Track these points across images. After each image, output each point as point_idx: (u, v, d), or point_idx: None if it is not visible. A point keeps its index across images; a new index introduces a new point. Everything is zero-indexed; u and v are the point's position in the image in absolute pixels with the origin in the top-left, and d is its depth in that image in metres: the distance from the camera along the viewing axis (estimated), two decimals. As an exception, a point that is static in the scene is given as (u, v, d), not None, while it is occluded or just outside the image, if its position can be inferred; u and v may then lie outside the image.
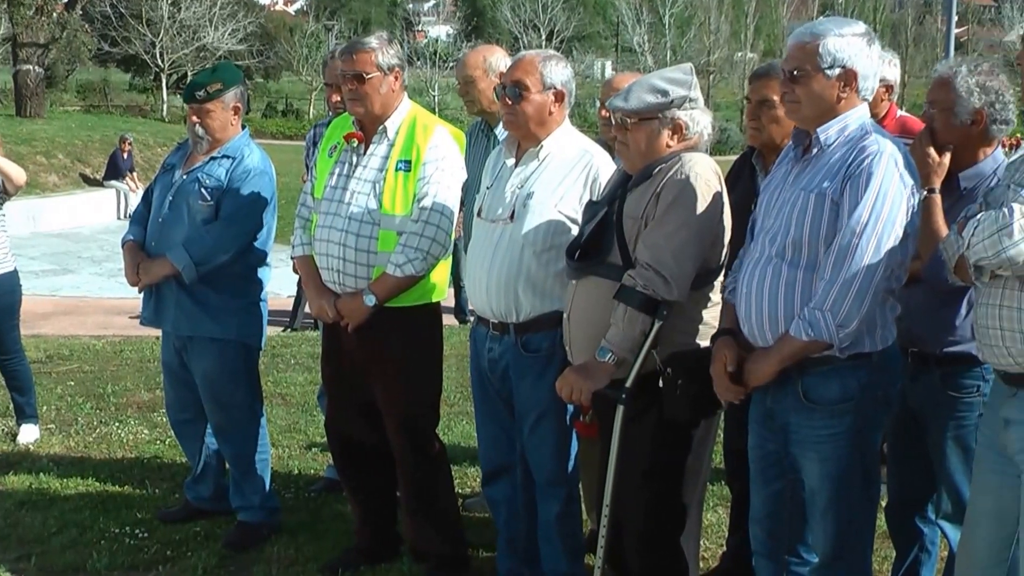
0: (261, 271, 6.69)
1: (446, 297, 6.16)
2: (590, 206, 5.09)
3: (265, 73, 73.48)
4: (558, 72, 5.38)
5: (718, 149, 54.76)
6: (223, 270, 6.46)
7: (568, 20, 72.04)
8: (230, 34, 61.05)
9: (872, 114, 6.57)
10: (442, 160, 5.81)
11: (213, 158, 6.51)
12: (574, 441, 5.55)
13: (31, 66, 34.54)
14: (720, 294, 4.92)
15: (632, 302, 4.69)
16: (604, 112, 6.06)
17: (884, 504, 5.74)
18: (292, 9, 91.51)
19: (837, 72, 4.41)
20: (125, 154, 29.99)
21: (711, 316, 4.95)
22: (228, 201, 6.43)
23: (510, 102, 5.37)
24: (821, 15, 73.81)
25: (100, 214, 28.21)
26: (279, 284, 14.23)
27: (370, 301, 5.73)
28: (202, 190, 6.43)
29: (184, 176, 6.54)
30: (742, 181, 5.76)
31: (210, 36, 59.84)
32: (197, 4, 59.45)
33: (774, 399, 4.61)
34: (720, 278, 4.97)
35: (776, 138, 5.45)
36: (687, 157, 4.83)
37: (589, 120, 42.61)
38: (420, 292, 5.87)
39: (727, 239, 4.95)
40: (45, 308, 16.20)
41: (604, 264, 4.88)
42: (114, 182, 29.32)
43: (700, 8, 75.97)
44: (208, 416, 6.78)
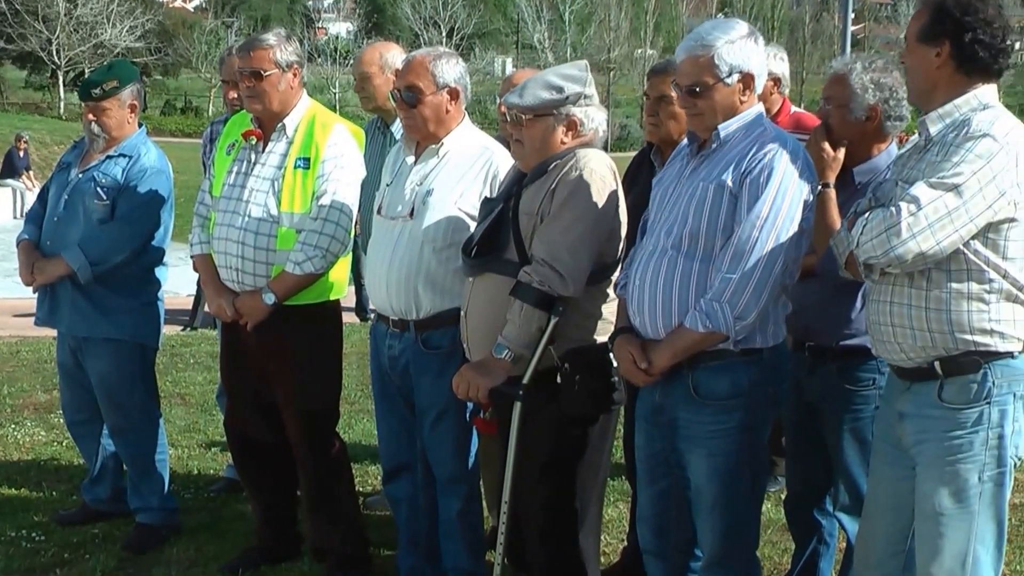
0: (158, 270, 6.62)
1: (346, 295, 6.14)
2: (486, 203, 5.10)
3: (164, 70, 72.82)
4: (450, 70, 5.37)
5: (619, 145, 55.11)
6: (119, 270, 6.38)
7: (468, 17, 72.07)
8: (128, 31, 60.45)
9: (765, 110, 6.70)
10: (341, 157, 5.80)
11: (109, 156, 6.44)
12: (474, 438, 5.55)
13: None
14: (614, 291, 4.95)
15: (528, 298, 4.70)
16: (503, 108, 6.06)
17: (783, 497, 5.82)
18: (191, 6, 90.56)
19: (736, 78, 4.47)
20: (21, 152, 29.61)
21: (608, 311, 4.96)
22: (124, 200, 6.36)
23: (406, 107, 5.36)
24: (720, 12, 74.39)
25: (-5, 213, 27.79)
26: (178, 283, 14.08)
27: (269, 299, 5.70)
28: (98, 189, 6.35)
29: (80, 175, 6.46)
30: (641, 177, 5.80)
31: (108, 33, 59.21)
32: (94, 1, 58.71)
33: (663, 394, 4.64)
34: (617, 273, 4.99)
35: (674, 134, 5.49)
36: (582, 153, 4.85)
37: (490, 117, 42.61)
38: (319, 290, 5.85)
39: (623, 234, 4.98)
40: (-61, 308, 15.93)
41: (500, 261, 4.88)
42: (10, 180, 28.93)
43: (600, 5, 76.20)
44: (104, 417, 6.69)
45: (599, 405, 4.91)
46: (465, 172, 5.36)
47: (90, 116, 6.46)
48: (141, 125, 6.66)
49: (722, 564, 4.70)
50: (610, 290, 4.97)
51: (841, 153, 4.93)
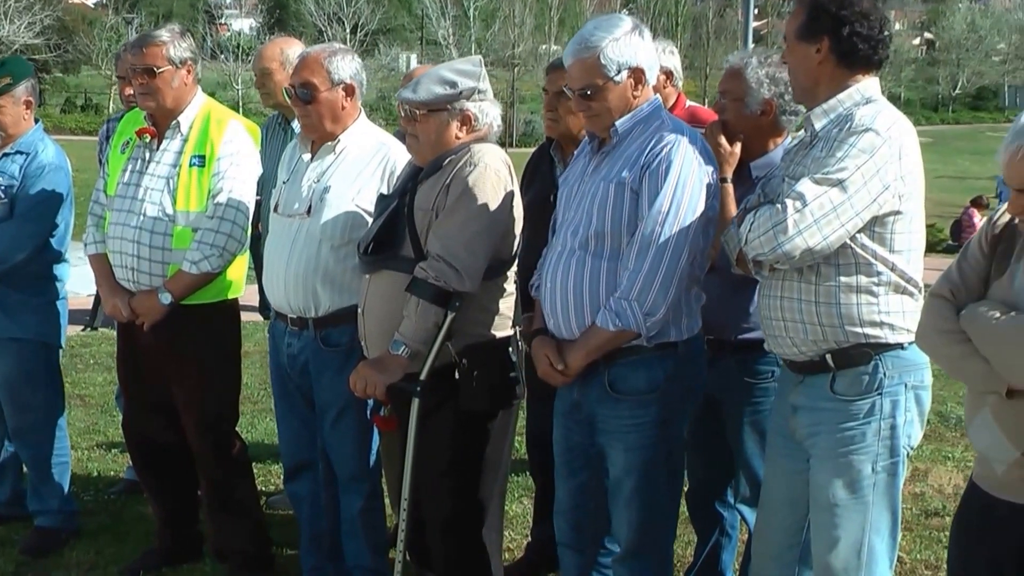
0: (59, 268, 6.50)
1: (244, 294, 6.09)
2: (381, 199, 5.08)
3: (64, 67, 71.79)
4: (345, 66, 5.35)
5: (524, 141, 55.24)
6: (20, 268, 6.26)
7: (373, 13, 71.76)
8: (26, 27, 59.47)
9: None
10: (236, 155, 5.75)
11: (6, 154, 6.31)
12: (375, 435, 5.53)
13: None
14: (529, 290, 4.96)
15: (424, 294, 4.68)
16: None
17: (685, 491, 5.85)
18: (91, 2, 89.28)
19: (626, 75, 4.49)
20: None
21: (506, 307, 4.98)
22: (23, 198, 6.25)
23: (301, 104, 5.33)
24: (623, 8, 74.69)
25: None
26: (79, 282, 13.87)
27: (165, 299, 5.65)
28: (-4, 187, 6.24)
29: (-24, 174, 6.33)
30: (540, 172, 5.82)
31: (5, 29, 58.21)
32: (-10, -4, 57.86)
33: (580, 391, 4.66)
34: (514, 268, 5.00)
35: (573, 129, 5.51)
36: (476, 148, 4.84)
37: (395, 113, 42.47)
38: (217, 289, 5.81)
39: (519, 230, 4.98)
40: None
41: (396, 257, 4.86)
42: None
43: (505, 1, 76.28)
44: (7, 419, 6.57)
45: (498, 400, 4.93)
46: (362, 169, 5.34)
47: (-16, 114, 6.33)
48: (38, 121, 6.54)
49: (637, 556, 4.73)
50: (507, 285, 4.99)
51: (737, 147, 4.96)
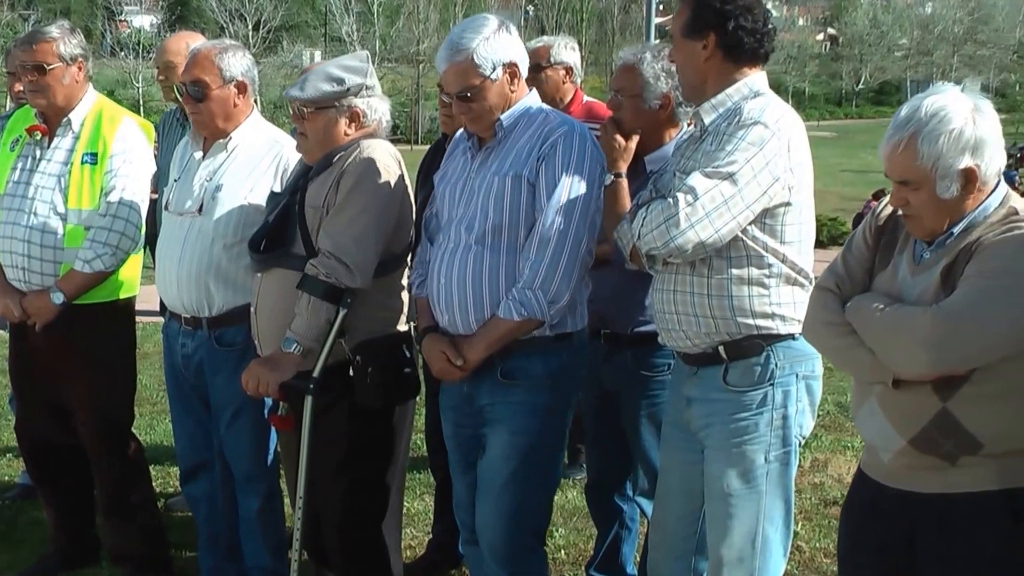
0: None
1: (138, 292, 6.02)
2: (272, 197, 5.06)
3: (-42, 65, 70.49)
4: (237, 63, 5.30)
5: (428, 138, 55.12)
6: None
7: (276, 9, 71.09)
8: (-84, 23, 58.51)
9: (558, 99, 6.77)
10: (129, 152, 5.69)
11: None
12: (272, 435, 5.49)
13: None
14: (408, 292, 4.96)
15: (315, 291, 4.66)
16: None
17: (585, 484, 5.88)
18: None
19: (501, 71, 4.50)
20: None
21: (401, 302, 4.98)
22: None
23: (192, 101, 5.28)
24: (529, 5, 74.90)
25: None
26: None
27: (58, 299, 5.57)
28: None
29: None
30: (436, 168, 5.80)
31: None
32: None
33: (472, 384, 4.65)
34: (408, 263, 4.99)
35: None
36: (365, 144, 4.83)
37: (298, 110, 42.26)
38: (110, 288, 5.74)
39: (412, 224, 4.98)
40: None
41: (288, 255, 4.84)
42: None
43: (409, -3, 76.16)
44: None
45: (393, 397, 4.91)
46: (255, 166, 5.31)
47: None
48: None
49: (508, 556, 4.70)
50: (401, 280, 4.98)
51: (633, 143, 4.96)
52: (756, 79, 4.28)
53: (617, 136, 4.93)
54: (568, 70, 6.88)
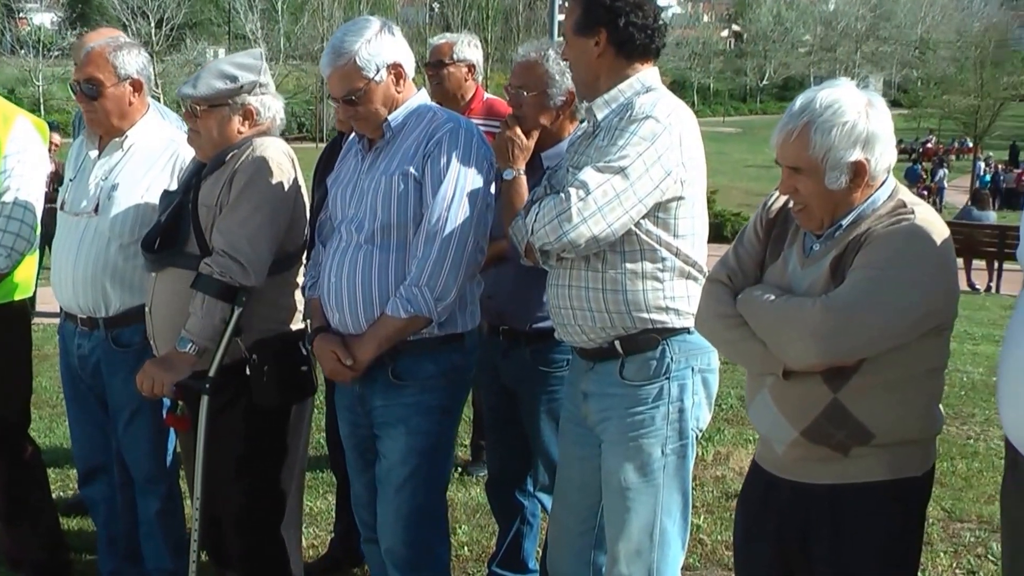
0: None
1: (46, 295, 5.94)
2: (165, 196, 5.02)
3: None
4: (132, 60, 5.25)
5: (334, 136, 54.90)
6: None
7: (179, 7, 70.38)
8: None
9: (460, 96, 6.77)
10: (24, 152, 5.57)
11: None
12: (172, 436, 5.45)
13: None
14: (300, 292, 4.94)
15: (209, 290, 4.63)
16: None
17: (486, 481, 5.89)
18: None
19: (386, 73, 4.51)
20: None
21: (296, 300, 4.97)
22: None
23: (87, 100, 5.22)
24: (434, 2, 74.69)
25: None
26: None
27: (-49, 301, 5.48)
28: None
29: None
30: (332, 166, 5.79)
31: None
32: None
33: (363, 384, 4.65)
34: (303, 261, 4.98)
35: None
36: (258, 142, 4.82)
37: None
38: (5, 290, 5.61)
39: (306, 222, 4.97)
40: None
41: (182, 254, 4.81)
42: None
43: (314, -6, 75.76)
44: None
45: (290, 395, 4.90)
46: (151, 165, 5.26)
47: None
48: None
49: (409, 560, 4.70)
50: (297, 278, 4.97)
51: (532, 140, 4.97)
52: (648, 75, 4.32)
53: (517, 132, 4.93)
54: (470, 67, 6.90)
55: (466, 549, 6.41)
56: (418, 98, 4.65)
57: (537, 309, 5.05)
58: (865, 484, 3.62)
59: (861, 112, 3.53)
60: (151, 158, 5.28)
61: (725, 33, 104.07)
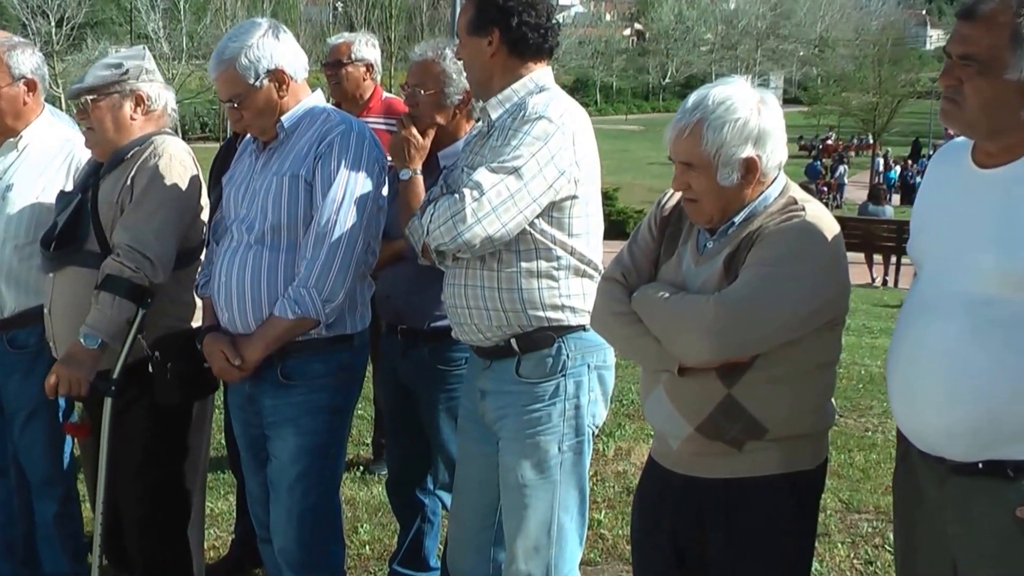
0: None
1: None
2: (62, 196, 4.99)
3: None
4: (26, 60, 5.21)
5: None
6: None
7: (79, 6, 69.48)
8: None
9: (358, 95, 6.77)
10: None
11: None
12: (68, 438, 5.40)
13: None
14: (193, 291, 4.93)
15: (119, 290, 4.60)
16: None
17: (386, 480, 5.90)
18: None
19: (266, 79, 4.51)
20: None
21: (194, 297, 4.94)
22: None
23: None
24: (338, 1, 74.22)
25: None
26: None
27: None
28: None
29: None
30: (228, 167, 5.78)
31: None
32: None
33: (253, 384, 4.65)
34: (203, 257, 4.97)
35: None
36: (159, 140, 4.82)
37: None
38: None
39: (205, 218, 4.96)
40: None
41: (81, 253, 4.78)
42: None
43: (216, -6, 75.07)
44: None
45: (192, 392, 4.88)
46: (46, 166, 5.22)
47: None
48: None
49: (303, 561, 4.70)
50: (196, 275, 4.94)
51: (428, 139, 4.98)
52: (541, 74, 4.35)
53: (413, 131, 4.94)
54: (368, 67, 6.91)
55: (367, 548, 6.41)
56: (313, 99, 4.65)
57: (435, 308, 5.06)
58: (758, 478, 3.66)
59: (753, 109, 3.57)
60: (46, 158, 5.24)
61: (627, 32, 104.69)
